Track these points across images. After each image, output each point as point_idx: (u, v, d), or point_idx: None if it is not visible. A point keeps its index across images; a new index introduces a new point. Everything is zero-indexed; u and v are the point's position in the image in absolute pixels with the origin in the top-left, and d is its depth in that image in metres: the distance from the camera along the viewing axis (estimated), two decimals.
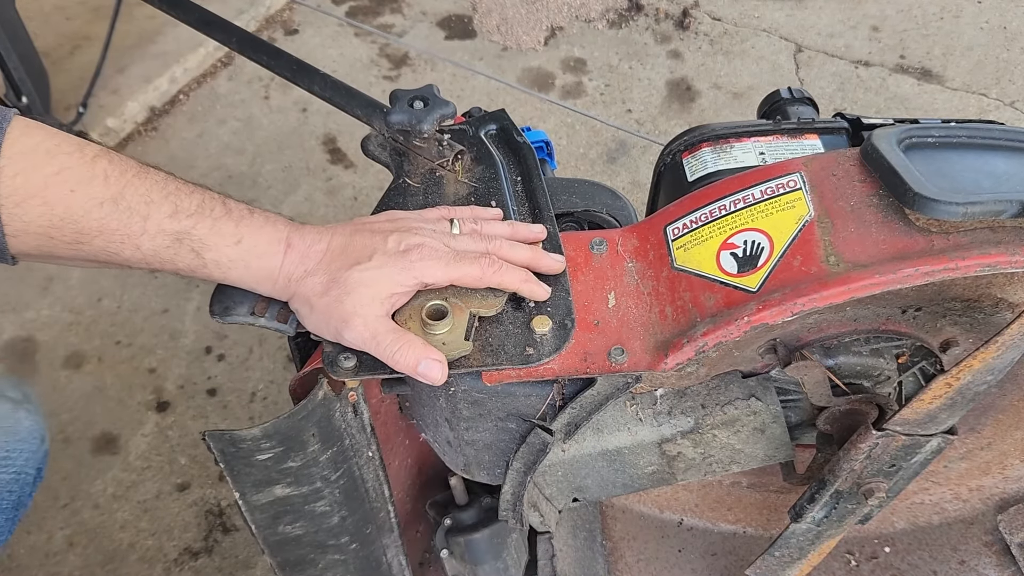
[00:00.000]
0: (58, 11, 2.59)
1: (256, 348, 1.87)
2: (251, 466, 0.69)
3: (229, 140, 2.33)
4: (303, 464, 0.70)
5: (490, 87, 2.44)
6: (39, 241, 0.64)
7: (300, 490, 0.72)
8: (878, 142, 0.69)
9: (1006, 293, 0.72)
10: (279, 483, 0.71)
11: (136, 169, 0.67)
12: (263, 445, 0.68)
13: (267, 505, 0.73)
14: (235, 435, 0.67)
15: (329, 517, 0.76)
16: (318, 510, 0.75)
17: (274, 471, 0.70)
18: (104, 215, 0.64)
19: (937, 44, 2.51)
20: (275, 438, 0.68)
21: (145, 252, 0.66)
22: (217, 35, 1.17)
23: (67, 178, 0.63)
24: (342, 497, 0.75)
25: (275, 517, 0.74)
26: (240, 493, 0.72)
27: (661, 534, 1.05)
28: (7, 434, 1.03)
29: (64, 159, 0.64)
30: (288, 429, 0.68)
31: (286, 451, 0.69)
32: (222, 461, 0.69)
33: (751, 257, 0.70)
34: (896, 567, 1.01)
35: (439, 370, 0.68)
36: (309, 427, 0.68)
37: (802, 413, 0.84)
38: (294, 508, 0.74)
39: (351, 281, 0.68)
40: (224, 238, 0.68)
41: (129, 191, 0.65)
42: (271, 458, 0.69)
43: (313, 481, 0.72)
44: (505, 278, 0.72)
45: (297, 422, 0.67)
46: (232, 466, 0.69)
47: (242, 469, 0.70)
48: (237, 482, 0.71)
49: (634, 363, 0.71)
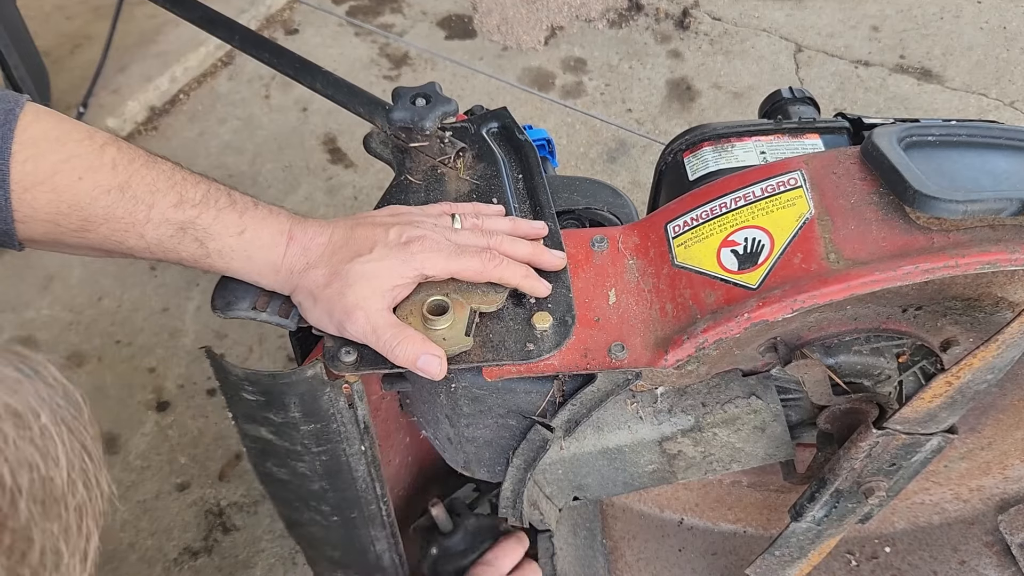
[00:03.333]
0: (58, 10, 2.59)
1: (256, 347, 1.87)
2: (240, 399, 0.70)
3: (229, 139, 2.33)
4: (283, 423, 0.71)
5: (490, 87, 2.44)
6: (46, 228, 0.64)
7: (282, 443, 0.73)
8: (878, 140, 0.69)
9: (1006, 292, 0.72)
10: (263, 426, 0.72)
11: (144, 158, 0.67)
12: (246, 387, 0.69)
13: (256, 439, 0.74)
14: (224, 364, 0.68)
15: (310, 481, 0.77)
16: (299, 469, 0.76)
17: (258, 414, 0.71)
18: (110, 203, 0.64)
19: (937, 44, 2.51)
20: (256, 387, 0.69)
21: (149, 241, 0.67)
22: (220, 33, 1.17)
23: (75, 165, 0.63)
24: (323, 471, 0.76)
25: (263, 453, 0.76)
26: (233, 416, 0.74)
27: (661, 533, 1.05)
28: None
29: (73, 146, 0.64)
30: (268, 386, 0.68)
31: (267, 403, 0.70)
32: (218, 379, 0.70)
33: (752, 254, 0.71)
34: (896, 567, 1.01)
35: (438, 365, 0.68)
36: (290, 395, 0.69)
37: (802, 412, 0.84)
38: (278, 454, 0.75)
39: (353, 273, 0.68)
40: (227, 228, 0.68)
41: (136, 180, 0.65)
42: (255, 402, 0.70)
43: (293, 442, 0.73)
44: (506, 273, 0.72)
45: (278, 384, 0.68)
46: (225, 390, 0.71)
47: (233, 396, 0.71)
48: (230, 405, 0.73)
49: (634, 359, 0.71)
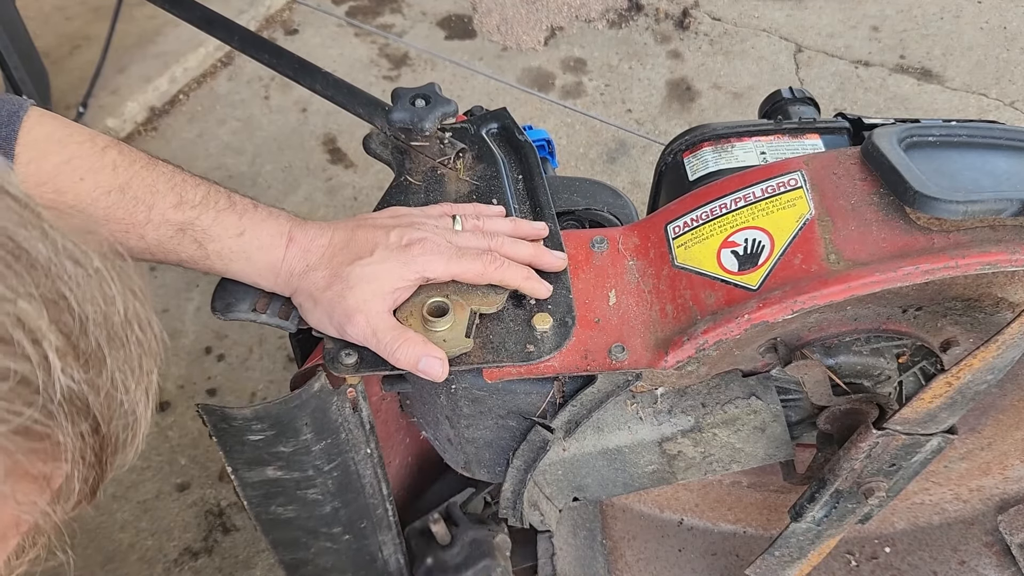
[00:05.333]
0: (58, 11, 2.59)
1: (256, 348, 1.87)
2: (243, 444, 0.69)
3: (229, 140, 2.33)
4: (295, 451, 0.70)
5: (490, 87, 2.44)
6: None
7: (292, 475, 0.72)
8: (879, 141, 0.69)
9: (1006, 292, 0.72)
10: (270, 464, 0.71)
11: (145, 160, 0.68)
12: (254, 427, 0.68)
13: (259, 484, 0.73)
14: (227, 412, 0.67)
15: (321, 505, 0.76)
16: (309, 497, 0.75)
17: (265, 452, 0.70)
18: (111, 203, 0.65)
19: (937, 44, 2.51)
20: (266, 421, 0.68)
21: (149, 242, 0.67)
22: (219, 34, 1.17)
23: (77, 167, 0.64)
24: (335, 488, 0.75)
25: (267, 496, 0.75)
26: (232, 468, 0.72)
27: (661, 533, 1.05)
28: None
29: (75, 148, 0.65)
30: (280, 415, 0.68)
31: (277, 436, 0.69)
32: (215, 435, 0.69)
33: (752, 255, 0.70)
34: (896, 567, 1.01)
35: (440, 367, 0.68)
36: (302, 416, 0.68)
37: (802, 412, 0.84)
38: (286, 491, 0.74)
39: (353, 276, 0.68)
40: (227, 230, 0.69)
41: (136, 181, 0.66)
42: (262, 440, 0.69)
43: (305, 468, 0.72)
44: (507, 275, 0.72)
45: (289, 409, 0.67)
46: (225, 442, 0.70)
47: (234, 446, 0.70)
48: (230, 457, 0.71)
49: (634, 361, 0.71)
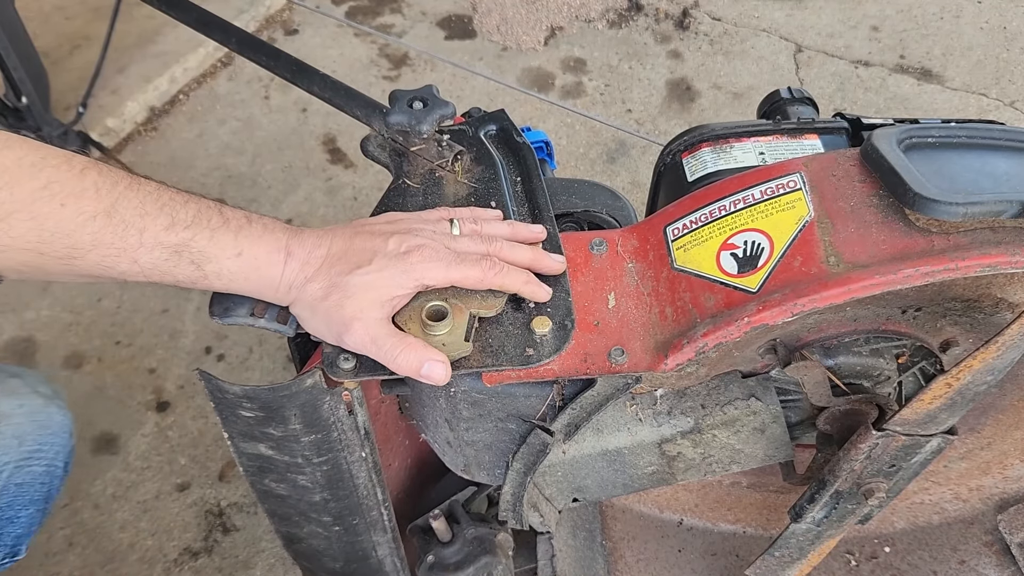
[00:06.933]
0: (58, 11, 2.59)
1: (256, 348, 1.87)
2: (237, 417, 0.70)
3: (229, 140, 2.33)
4: (283, 436, 0.71)
5: (490, 87, 2.44)
6: (27, 257, 0.63)
7: (282, 457, 0.73)
8: (878, 142, 0.69)
9: (1006, 293, 0.72)
10: (262, 442, 0.72)
11: (128, 180, 0.66)
12: (245, 404, 0.68)
13: (254, 456, 0.74)
14: (221, 384, 0.68)
15: (311, 492, 0.76)
16: (299, 482, 0.75)
17: (257, 430, 0.71)
18: (97, 228, 0.63)
19: (937, 44, 2.51)
20: (255, 402, 0.68)
21: (143, 265, 0.66)
22: (216, 35, 1.17)
23: (55, 192, 0.62)
24: (325, 481, 0.75)
25: (261, 470, 0.75)
26: (228, 435, 0.73)
27: (661, 534, 1.05)
28: (40, 428, 1.05)
29: (51, 172, 0.62)
30: (268, 400, 0.68)
31: (267, 418, 0.69)
32: (212, 401, 0.70)
33: (751, 257, 0.70)
34: (896, 567, 1.01)
35: (442, 371, 0.68)
36: (290, 407, 0.68)
37: (802, 413, 0.84)
38: (277, 469, 0.75)
39: (351, 285, 0.68)
40: (224, 250, 0.67)
41: (122, 203, 0.64)
42: (253, 418, 0.69)
43: (294, 455, 0.72)
44: (507, 280, 0.72)
45: (277, 397, 0.68)
46: (221, 410, 0.71)
47: (229, 416, 0.71)
48: (226, 425, 0.72)
49: (634, 364, 0.71)
